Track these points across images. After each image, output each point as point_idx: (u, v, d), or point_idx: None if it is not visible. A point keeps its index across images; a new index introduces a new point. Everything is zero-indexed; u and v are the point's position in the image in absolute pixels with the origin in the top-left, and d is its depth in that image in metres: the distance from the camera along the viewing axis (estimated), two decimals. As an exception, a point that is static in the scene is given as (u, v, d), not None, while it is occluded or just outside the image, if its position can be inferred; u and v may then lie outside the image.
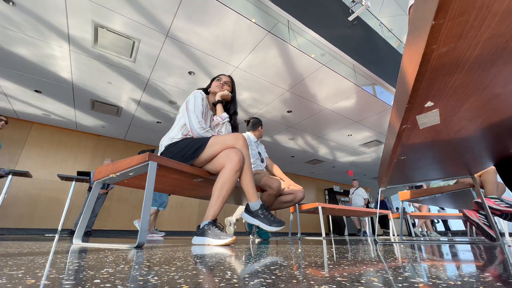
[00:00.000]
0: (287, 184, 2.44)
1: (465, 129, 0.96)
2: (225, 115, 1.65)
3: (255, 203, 1.40)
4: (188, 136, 1.52)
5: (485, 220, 1.71)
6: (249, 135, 2.60)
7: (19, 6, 2.71)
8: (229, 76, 1.79)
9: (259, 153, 2.55)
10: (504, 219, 1.74)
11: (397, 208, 8.88)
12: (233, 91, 1.77)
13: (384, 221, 7.66)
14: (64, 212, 3.73)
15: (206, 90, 1.75)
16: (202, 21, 3.00)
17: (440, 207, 5.61)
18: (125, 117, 5.21)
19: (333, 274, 0.43)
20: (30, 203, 4.98)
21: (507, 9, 0.43)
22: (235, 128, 1.74)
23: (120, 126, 5.68)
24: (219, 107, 1.67)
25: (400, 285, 0.34)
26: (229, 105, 1.75)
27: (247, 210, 1.43)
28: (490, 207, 1.72)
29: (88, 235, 4.25)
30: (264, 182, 2.15)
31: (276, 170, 2.65)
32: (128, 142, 6.52)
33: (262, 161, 2.55)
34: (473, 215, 1.76)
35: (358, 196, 7.27)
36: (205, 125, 1.51)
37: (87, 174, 3.93)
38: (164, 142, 1.52)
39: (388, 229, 7.32)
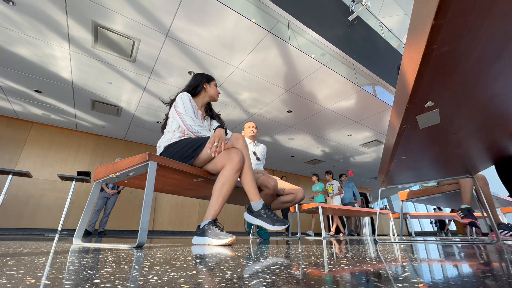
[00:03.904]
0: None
1: (465, 129, 0.96)
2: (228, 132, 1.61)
3: (257, 203, 1.39)
4: (185, 136, 1.52)
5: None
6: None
7: (19, 6, 2.71)
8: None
9: (254, 152, 2.54)
10: (472, 226, 1.79)
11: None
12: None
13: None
14: (64, 212, 3.73)
15: (192, 91, 1.69)
16: (202, 21, 3.00)
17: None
18: (125, 117, 5.21)
19: (333, 274, 0.43)
20: (30, 203, 4.97)
21: (507, 9, 0.43)
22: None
23: (120, 126, 5.67)
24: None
25: (400, 285, 0.34)
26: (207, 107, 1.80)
27: (249, 210, 1.42)
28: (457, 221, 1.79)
29: (102, 235, 4.26)
30: (261, 181, 2.14)
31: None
32: (128, 142, 6.52)
33: (258, 159, 2.53)
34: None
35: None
36: (200, 122, 1.54)
37: (87, 174, 3.92)
38: (162, 144, 1.52)
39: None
